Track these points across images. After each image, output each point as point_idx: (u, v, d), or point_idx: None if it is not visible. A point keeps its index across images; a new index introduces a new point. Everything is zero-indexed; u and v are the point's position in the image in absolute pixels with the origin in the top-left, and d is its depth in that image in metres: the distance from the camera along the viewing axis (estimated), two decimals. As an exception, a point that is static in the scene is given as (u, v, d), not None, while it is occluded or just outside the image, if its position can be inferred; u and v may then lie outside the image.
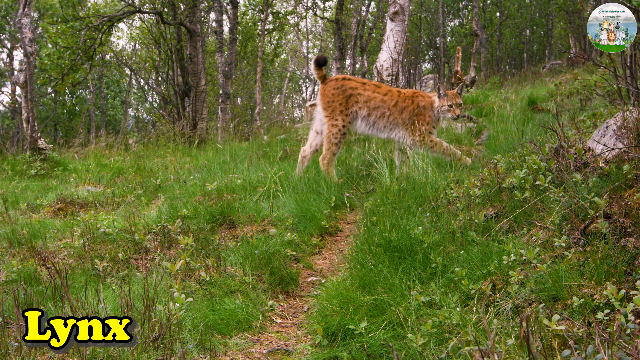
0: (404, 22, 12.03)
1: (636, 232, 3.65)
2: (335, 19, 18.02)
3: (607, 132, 5.40)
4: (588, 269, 3.53)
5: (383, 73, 11.98)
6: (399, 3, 11.90)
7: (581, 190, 4.39)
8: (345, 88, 7.79)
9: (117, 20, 15.01)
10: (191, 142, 13.49)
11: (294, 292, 4.80)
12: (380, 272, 4.26)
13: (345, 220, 6.31)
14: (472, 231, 4.64)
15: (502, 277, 3.86)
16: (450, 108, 7.51)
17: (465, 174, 5.88)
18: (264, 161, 9.18)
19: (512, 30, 34.36)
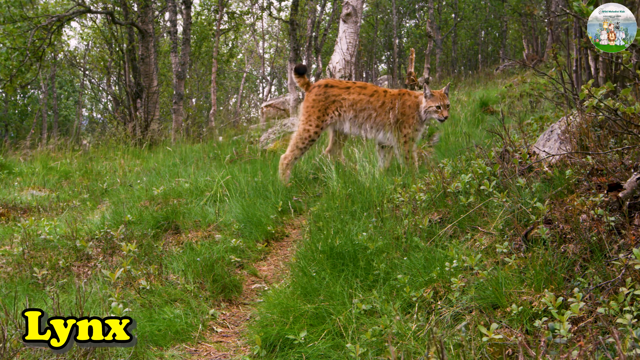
0: (356, 24, 12.01)
1: (575, 238, 3.64)
2: (289, 20, 17.94)
3: (551, 136, 5.42)
4: (528, 276, 3.52)
5: (336, 75, 11.94)
6: (352, 5, 11.88)
7: (524, 195, 4.39)
8: (328, 95, 7.66)
9: (67, 20, 14.74)
10: (142, 144, 13.30)
11: (237, 299, 4.72)
12: (322, 279, 4.20)
13: (292, 225, 6.24)
14: (416, 237, 4.61)
15: (444, 284, 3.83)
16: (437, 109, 7.23)
17: (412, 178, 5.86)
18: (215, 164, 9.07)
19: (467, 31, 34.64)
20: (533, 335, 3.13)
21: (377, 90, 7.69)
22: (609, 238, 3.56)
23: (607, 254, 3.43)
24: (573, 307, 3.04)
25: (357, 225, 5.03)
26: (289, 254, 5.51)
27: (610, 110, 3.74)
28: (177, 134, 15.25)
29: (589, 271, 3.39)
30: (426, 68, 19.67)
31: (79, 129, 27.01)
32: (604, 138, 4.65)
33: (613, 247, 3.48)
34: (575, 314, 3.04)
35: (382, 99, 7.54)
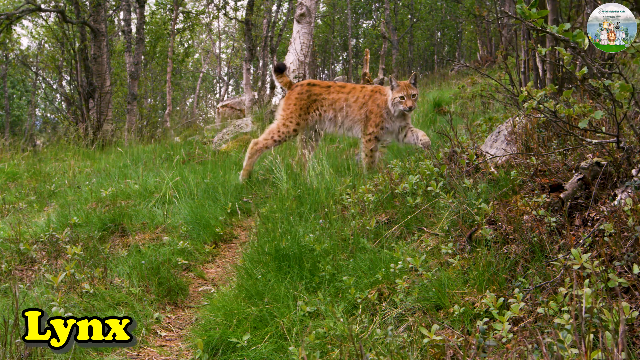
0: (310, 24, 11.99)
1: (518, 239, 3.66)
2: (245, 20, 17.86)
3: (499, 137, 5.46)
4: (471, 276, 3.53)
5: (290, 75, 11.91)
6: (305, 5, 11.86)
7: (470, 196, 4.41)
8: (310, 94, 7.59)
9: (17, 18, 14.46)
10: (95, 144, 13.10)
11: (183, 302, 4.66)
12: (267, 282, 4.17)
13: (241, 227, 6.18)
14: (363, 238, 4.60)
15: (389, 285, 3.82)
16: (401, 100, 7.00)
17: (362, 179, 5.85)
18: (167, 165, 8.96)
19: (424, 32, 34.88)
20: (473, 336, 3.13)
21: (354, 87, 7.61)
22: (550, 238, 3.59)
23: (548, 255, 3.46)
24: (513, 308, 3.05)
25: (305, 227, 5.01)
26: (237, 256, 5.46)
27: (550, 112, 3.77)
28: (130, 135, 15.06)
29: (530, 271, 3.41)
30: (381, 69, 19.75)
31: (31, 129, 26.56)
32: (547, 139, 4.70)
33: (554, 248, 3.51)
34: (515, 314, 3.06)
35: (356, 95, 7.46)
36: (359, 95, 7.46)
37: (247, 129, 11.57)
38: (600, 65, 5.15)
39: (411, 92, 6.99)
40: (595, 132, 3.81)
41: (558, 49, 3.74)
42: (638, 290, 2.90)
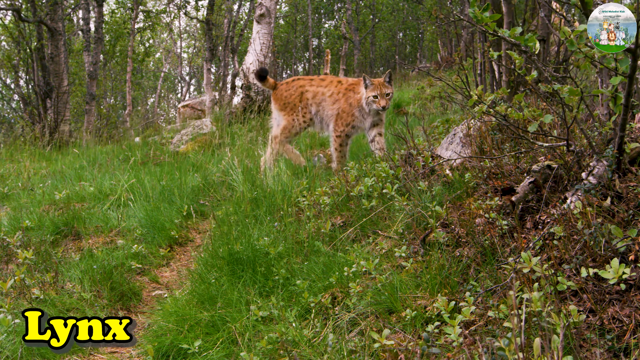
0: (270, 25, 11.95)
1: (470, 242, 3.67)
2: (205, 20, 17.72)
3: (454, 139, 5.49)
4: (424, 280, 3.53)
5: (250, 76, 11.86)
6: (265, 5, 11.82)
7: (425, 199, 4.41)
8: (297, 87, 7.48)
9: (-29, 16, 14.18)
10: (52, 145, 12.90)
11: (136, 307, 4.60)
12: (221, 286, 4.12)
13: (197, 230, 6.12)
14: (318, 241, 4.57)
15: (342, 289, 3.81)
16: (375, 99, 6.82)
17: (318, 181, 5.82)
18: (125, 166, 8.84)
19: (386, 32, 34.94)
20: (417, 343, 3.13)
21: (332, 81, 7.48)
22: (501, 241, 3.61)
23: (499, 258, 3.48)
24: (464, 311, 3.06)
25: (261, 230, 4.97)
26: (193, 260, 5.40)
27: (501, 117, 3.78)
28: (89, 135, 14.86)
29: (482, 275, 3.43)
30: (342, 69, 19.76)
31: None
32: (501, 142, 4.73)
33: (505, 251, 3.53)
34: (466, 318, 3.06)
35: (332, 89, 7.34)
36: (334, 90, 7.34)
37: (206, 130, 11.48)
38: (554, 69, 5.20)
39: (385, 91, 6.85)
40: (545, 136, 3.84)
41: (510, 52, 3.76)
42: (586, 293, 2.92)
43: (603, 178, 3.47)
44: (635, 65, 3.23)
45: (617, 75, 3.46)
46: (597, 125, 3.92)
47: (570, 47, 3.35)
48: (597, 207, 3.30)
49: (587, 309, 2.88)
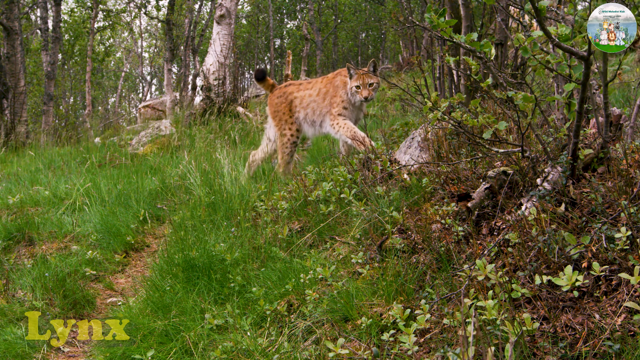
0: (230, 26, 11.88)
1: (426, 249, 3.66)
2: (166, 19, 17.57)
3: (412, 143, 5.48)
4: (380, 287, 3.51)
5: (210, 77, 11.77)
6: (225, 6, 11.74)
7: (382, 204, 4.39)
8: (287, 94, 7.32)
9: None
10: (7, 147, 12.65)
11: (90, 315, 4.51)
12: (176, 294, 4.06)
13: (154, 235, 6.04)
14: (276, 247, 4.53)
15: (299, 296, 3.77)
16: (357, 89, 6.59)
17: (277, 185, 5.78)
18: (83, 169, 8.70)
19: (348, 33, 35.00)
20: (380, 348, 3.11)
21: (317, 80, 7.34)
22: (457, 247, 3.60)
23: (455, 264, 3.47)
24: (419, 319, 3.05)
25: (217, 235, 4.91)
26: (149, 266, 5.33)
27: (455, 123, 3.78)
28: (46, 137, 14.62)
29: (437, 282, 3.41)
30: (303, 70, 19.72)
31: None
32: (458, 146, 4.73)
33: (461, 257, 3.52)
34: (421, 326, 3.05)
35: (318, 87, 7.19)
36: (321, 86, 7.17)
37: (165, 132, 11.36)
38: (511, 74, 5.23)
39: (368, 81, 6.60)
40: (500, 142, 3.84)
41: (466, 58, 3.76)
42: (540, 301, 2.92)
43: (557, 184, 3.49)
44: (588, 72, 3.24)
45: (571, 81, 3.48)
46: (552, 131, 3.94)
47: (524, 53, 3.36)
48: (551, 214, 3.31)
49: (540, 316, 2.88)
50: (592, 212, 3.30)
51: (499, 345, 2.70)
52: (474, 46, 3.64)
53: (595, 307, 2.80)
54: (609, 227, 3.00)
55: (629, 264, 2.80)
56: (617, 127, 3.88)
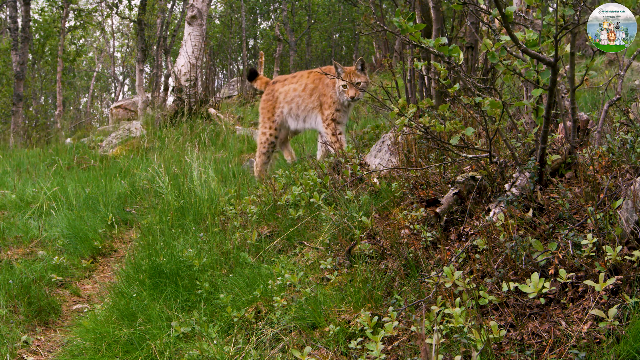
0: (202, 27, 11.80)
1: (394, 254, 3.64)
2: (137, 20, 17.42)
3: (382, 146, 5.46)
4: (349, 293, 3.48)
5: (181, 78, 11.69)
6: (197, 7, 11.66)
7: (352, 209, 4.36)
8: (274, 91, 7.16)
9: None
10: (-25, 149, 12.47)
11: (56, 322, 4.44)
12: (142, 301, 4.00)
13: (123, 239, 5.96)
14: (245, 252, 4.49)
15: (267, 302, 3.73)
16: (344, 89, 6.34)
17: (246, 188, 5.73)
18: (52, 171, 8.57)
19: (322, 33, 34.97)
20: (348, 356, 3.09)
21: (302, 75, 7.14)
22: (426, 253, 3.59)
23: (423, 271, 3.45)
24: (387, 327, 3.03)
25: (186, 240, 4.86)
26: (117, 271, 5.25)
27: (422, 130, 3.76)
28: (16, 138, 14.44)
29: (405, 288, 3.39)
30: (276, 71, 19.66)
31: None
32: (428, 150, 4.72)
33: (429, 263, 3.51)
34: (389, 334, 3.03)
35: (304, 82, 6.95)
36: (307, 82, 6.93)
37: (136, 133, 11.25)
38: (480, 78, 5.23)
39: (355, 80, 6.33)
40: (468, 148, 3.84)
41: (434, 63, 3.75)
42: (507, 308, 2.91)
43: (525, 189, 3.49)
44: (555, 78, 3.24)
45: (538, 87, 3.48)
46: (520, 136, 3.94)
47: (492, 59, 3.35)
48: (519, 219, 3.31)
49: (508, 323, 2.88)
50: (560, 218, 3.30)
51: (466, 354, 2.69)
52: (442, 51, 3.63)
53: (562, 314, 2.80)
54: (575, 233, 3.00)
55: (595, 271, 2.81)
56: (585, 132, 3.89)
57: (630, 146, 3.29)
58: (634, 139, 3.30)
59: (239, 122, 11.96)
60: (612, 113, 4.50)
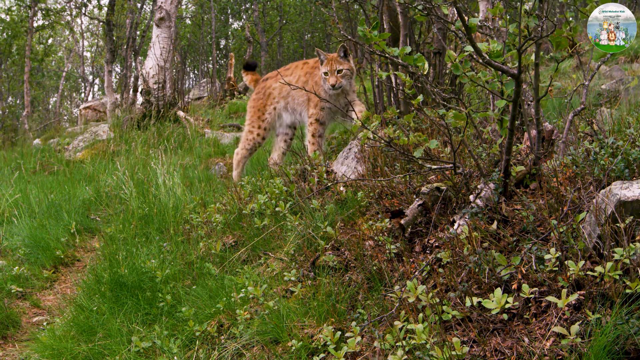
0: (170, 29, 11.68)
1: (358, 267, 3.60)
2: (106, 20, 17.24)
3: (350, 154, 5.42)
4: (312, 307, 3.43)
5: (149, 81, 11.57)
6: (165, 9, 11.54)
7: (318, 218, 4.31)
8: (265, 88, 6.93)
9: None
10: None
11: (14, 336, 4.34)
12: (102, 315, 3.92)
13: (86, 248, 5.85)
14: (209, 262, 4.42)
15: (230, 316, 3.67)
16: (325, 77, 6.01)
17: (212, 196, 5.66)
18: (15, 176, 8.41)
19: (293, 34, 34.91)
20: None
21: (297, 66, 6.88)
22: (390, 266, 3.55)
23: (387, 284, 3.41)
24: (350, 342, 2.99)
25: (150, 249, 4.78)
26: (80, 281, 5.15)
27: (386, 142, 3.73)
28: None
29: (369, 302, 3.35)
30: (246, 73, 19.51)
31: None
32: (394, 159, 4.68)
33: (394, 276, 3.47)
34: (352, 349, 2.99)
35: (298, 74, 6.67)
36: (300, 73, 6.65)
37: (104, 137, 11.11)
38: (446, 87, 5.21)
39: (336, 67, 5.99)
40: (432, 160, 3.80)
41: (398, 74, 3.71)
42: (471, 323, 2.88)
43: (490, 201, 3.46)
44: (519, 90, 3.22)
45: (502, 98, 3.46)
46: (485, 146, 3.92)
47: (456, 71, 3.32)
48: (483, 231, 3.28)
49: (471, 339, 2.84)
50: (524, 230, 3.28)
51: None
52: (407, 61, 3.59)
53: (525, 330, 2.77)
54: (539, 247, 2.97)
55: (558, 286, 2.78)
56: (550, 142, 3.88)
57: (594, 158, 3.27)
58: (597, 151, 3.29)
59: (207, 125, 11.85)
60: (577, 122, 4.49)
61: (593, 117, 4.44)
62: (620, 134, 4.07)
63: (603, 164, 3.26)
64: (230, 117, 13.80)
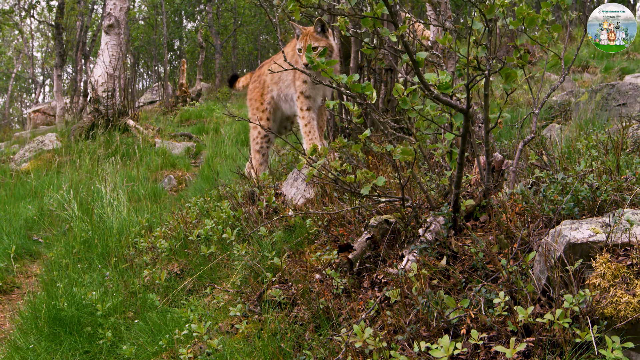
0: (119, 36, 11.44)
1: (305, 303, 3.49)
2: (55, 24, 16.88)
3: (299, 175, 5.30)
4: (257, 347, 3.31)
5: (98, 89, 11.32)
6: (114, 16, 11.30)
7: (265, 247, 4.20)
8: (260, 75, 6.20)
9: None
10: None
11: (-58, 378, 4.12)
12: (38, 355, 3.74)
13: (27, 273, 5.62)
14: (153, 293, 4.27)
15: (172, 354, 3.54)
16: (299, 53, 5.27)
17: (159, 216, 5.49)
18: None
19: (248, 36, 34.68)
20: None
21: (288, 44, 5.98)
22: (338, 303, 3.45)
23: (334, 323, 3.31)
24: (295, 390, 2.89)
25: (93, 278, 4.60)
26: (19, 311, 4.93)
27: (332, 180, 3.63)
28: None
29: (315, 344, 3.25)
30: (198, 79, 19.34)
31: None
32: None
33: (341, 314, 3.37)
34: (297, 397, 2.89)
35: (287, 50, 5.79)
36: (288, 49, 5.81)
37: (50, 146, 10.81)
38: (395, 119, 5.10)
39: (312, 44, 5.19)
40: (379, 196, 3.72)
41: (346, 104, 3.62)
42: (420, 368, 2.80)
43: (440, 235, 3.39)
44: (467, 125, 3.15)
45: (451, 132, 3.39)
46: (434, 177, 3.85)
47: (403, 105, 3.24)
48: (432, 267, 3.20)
49: (418, 387, 2.76)
50: (473, 267, 3.21)
51: None
52: (355, 89, 3.49)
53: (474, 378, 2.70)
54: (488, 289, 2.90)
55: (507, 330, 2.71)
56: (500, 172, 3.82)
57: (543, 195, 3.21)
58: (546, 188, 3.23)
59: (158, 134, 11.62)
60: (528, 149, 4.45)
61: (543, 146, 4.39)
62: (571, 162, 4.03)
63: (553, 199, 3.20)
64: (181, 126, 13.54)
